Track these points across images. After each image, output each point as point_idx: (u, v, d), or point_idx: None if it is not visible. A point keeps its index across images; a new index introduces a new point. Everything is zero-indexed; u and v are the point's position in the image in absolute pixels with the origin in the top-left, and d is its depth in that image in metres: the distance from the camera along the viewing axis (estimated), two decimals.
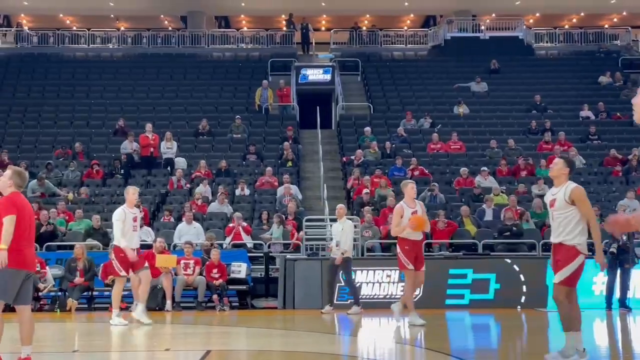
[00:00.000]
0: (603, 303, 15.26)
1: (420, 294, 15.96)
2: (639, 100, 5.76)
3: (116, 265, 12.78)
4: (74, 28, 37.18)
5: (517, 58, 31.81)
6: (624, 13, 38.41)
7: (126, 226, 12.62)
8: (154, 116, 26.01)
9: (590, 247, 8.29)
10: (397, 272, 16.14)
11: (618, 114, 26.51)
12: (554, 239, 8.14)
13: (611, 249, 15.42)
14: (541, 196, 20.38)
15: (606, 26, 37.72)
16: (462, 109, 26.97)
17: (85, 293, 16.20)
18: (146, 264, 13.10)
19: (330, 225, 16.86)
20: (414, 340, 11.52)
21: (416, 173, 22.16)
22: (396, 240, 18.14)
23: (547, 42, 35.29)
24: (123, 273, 12.75)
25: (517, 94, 28.51)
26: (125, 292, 16.19)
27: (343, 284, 15.49)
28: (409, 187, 12.46)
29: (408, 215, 12.14)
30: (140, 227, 14.05)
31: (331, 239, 15.60)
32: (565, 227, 8.02)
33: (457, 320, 14.38)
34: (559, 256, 8.02)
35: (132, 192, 13.09)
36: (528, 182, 21.56)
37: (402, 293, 16.08)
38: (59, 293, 16.15)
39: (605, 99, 27.36)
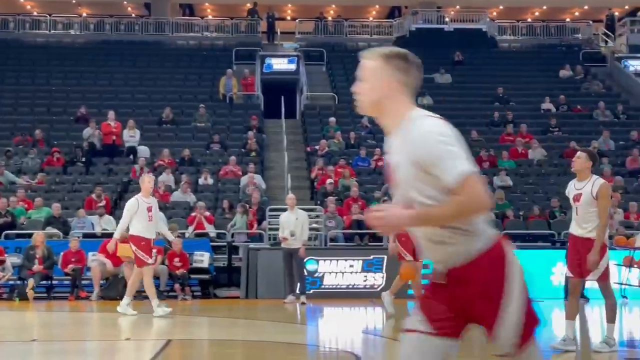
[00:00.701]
0: (561, 293, 15.42)
1: (384, 284, 16.05)
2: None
3: (140, 255, 12.16)
4: (35, 13, 36.67)
5: (481, 50, 31.99)
6: (586, 7, 38.77)
7: (141, 216, 12.13)
8: (116, 104, 25.75)
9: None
10: (361, 262, 16.22)
11: (578, 107, 26.79)
12: (579, 233, 8.23)
13: None
14: (503, 187, 20.59)
15: (568, 20, 38.07)
16: (426, 100, 27.02)
17: (44, 282, 16.04)
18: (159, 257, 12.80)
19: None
20: (376, 330, 11.59)
21: (380, 164, 22.21)
22: (359, 231, 18.28)
23: (510, 34, 35.50)
24: (150, 260, 12.31)
25: (480, 86, 28.69)
26: (86, 281, 16.11)
27: (306, 273, 15.51)
28: None
29: None
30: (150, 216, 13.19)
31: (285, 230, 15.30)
32: (593, 222, 8.12)
33: None
34: (587, 252, 8.09)
35: (147, 181, 12.57)
36: (490, 174, 21.71)
37: (368, 282, 16.17)
38: (18, 282, 15.97)
39: (566, 92, 27.64)
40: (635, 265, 16.04)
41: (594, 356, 7.24)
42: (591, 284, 15.62)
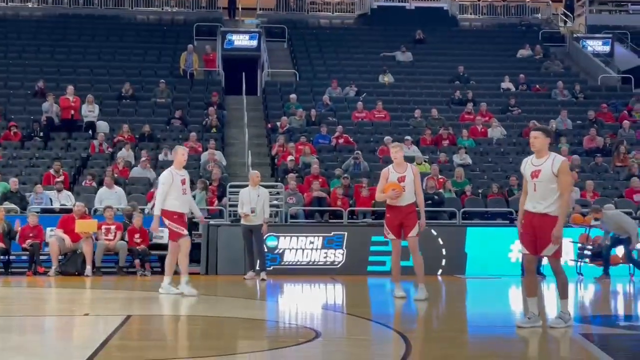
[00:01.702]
0: (519, 271, 15.63)
1: (344, 260, 16.14)
2: None
3: (175, 228, 11.65)
4: None
5: (442, 29, 32.09)
6: None
7: (174, 189, 11.61)
8: (75, 78, 25.43)
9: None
10: (321, 238, 16.29)
11: (537, 86, 27.05)
12: (536, 209, 8.21)
13: None
14: (462, 165, 20.76)
15: (528, 0, 38.32)
16: (387, 78, 27.14)
17: (2, 257, 15.88)
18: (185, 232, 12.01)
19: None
20: (335, 306, 11.66)
21: (341, 141, 22.27)
22: (320, 208, 18.32)
23: (471, 13, 35.67)
24: (185, 231, 11.77)
25: (441, 65, 28.80)
26: (44, 257, 15.97)
27: (266, 250, 15.53)
28: (392, 151, 11.49)
29: (393, 179, 11.20)
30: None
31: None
32: (550, 198, 8.14)
33: (379, 286, 14.58)
34: (542, 228, 8.15)
35: (181, 153, 12.01)
36: (449, 152, 21.88)
37: (328, 258, 16.25)
38: None
39: (525, 71, 27.87)
40: (591, 243, 16.33)
41: (551, 332, 7.34)
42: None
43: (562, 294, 8.34)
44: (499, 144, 23.03)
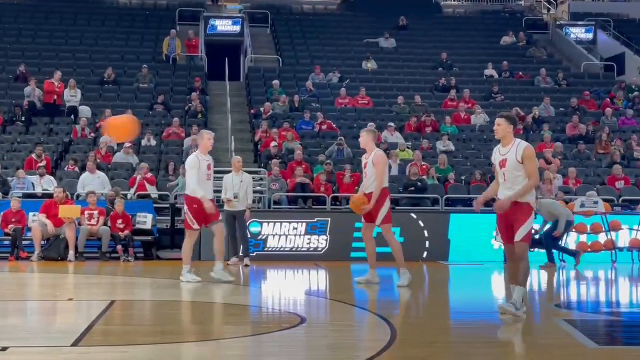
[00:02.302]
0: (501, 257, 15.71)
1: (328, 246, 16.17)
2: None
3: (189, 218, 11.41)
4: None
5: (425, 15, 32.08)
6: None
7: (200, 174, 11.30)
8: (57, 63, 25.25)
9: None
10: (304, 224, 16.31)
11: (520, 73, 27.13)
12: (505, 197, 8.13)
13: None
14: (445, 152, 20.81)
15: None
16: (370, 65, 27.12)
17: None
18: (220, 217, 11.85)
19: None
20: (319, 292, 11.69)
21: (324, 127, 22.27)
22: (303, 194, 18.33)
23: (454, 0, 35.68)
24: (196, 226, 11.45)
25: (424, 51, 28.82)
26: (26, 242, 15.90)
27: (250, 236, 15.53)
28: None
29: (363, 164, 11.48)
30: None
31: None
32: (519, 186, 8.06)
33: (362, 272, 14.58)
34: (514, 214, 8.08)
35: (207, 137, 11.63)
36: (432, 138, 21.93)
37: (311, 244, 16.27)
38: None
39: (508, 58, 27.93)
40: (574, 230, 16.44)
41: (534, 317, 7.32)
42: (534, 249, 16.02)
43: (520, 281, 8.15)
44: (481, 131, 23.10)
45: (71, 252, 15.27)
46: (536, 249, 15.79)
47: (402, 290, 10.93)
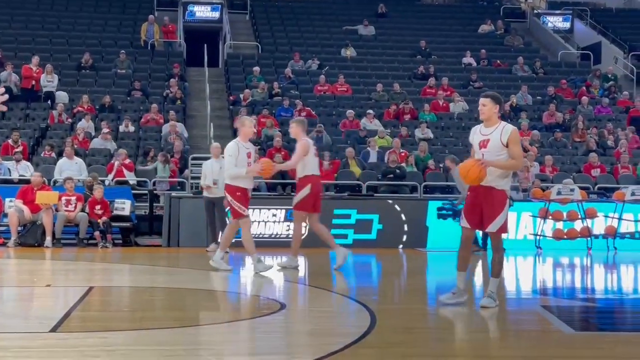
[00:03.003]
0: (480, 243, 15.79)
1: (307, 233, 16.16)
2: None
3: (236, 206, 10.86)
4: None
5: (404, 3, 32.11)
6: None
7: (239, 163, 10.84)
8: (33, 47, 25.03)
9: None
10: (284, 211, 16.31)
11: (498, 62, 27.23)
12: (483, 181, 7.71)
13: None
14: (424, 139, 20.88)
15: None
16: (349, 52, 27.12)
17: None
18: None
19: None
20: (298, 278, 11.70)
21: (303, 114, 22.23)
22: (282, 181, 18.32)
23: None
24: (246, 212, 10.98)
25: (403, 39, 28.84)
26: (2, 228, 15.79)
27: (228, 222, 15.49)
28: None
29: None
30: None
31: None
32: (498, 170, 7.68)
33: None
34: (489, 201, 7.73)
35: (248, 124, 11.18)
36: (411, 126, 21.98)
37: (291, 231, 16.27)
38: None
39: (486, 47, 28.04)
40: (550, 217, 16.56)
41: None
42: (507, 235, 16.10)
43: (496, 272, 7.87)
44: (460, 119, 23.19)
45: (48, 239, 15.18)
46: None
47: (381, 276, 10.96)
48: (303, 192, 11.41)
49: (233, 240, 15.36)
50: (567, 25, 32.33)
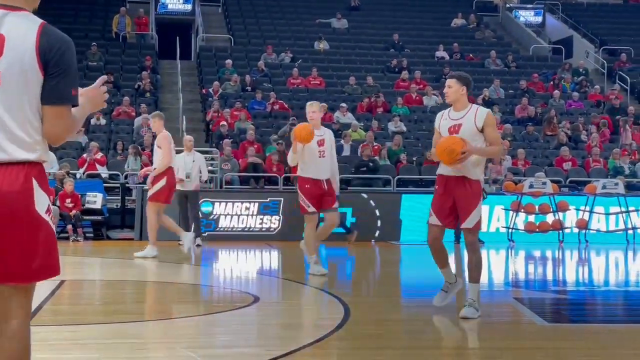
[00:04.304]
0: (452, 237, 15.85)
1: (280, 227, 16.14)
2: None
3: (302, 201, 9.73)
4: None
5: None
6: None
7: (308, 152, 9.64)
8: None
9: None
10: (257, 204, 16.27)
11: (471, 55, 27.33)
12: (453, 171, 6.84)
13: None
14: (397, 133, 20.91)
15: None
16: (322, 45, 27.07)
17: None
18: (336, 204, 9.91)
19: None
20: (271, 271, 11.69)
21: (276, 107, 22.20)
22: (255, 174, 18.26)
23: None
24: (311, 209, 9.67)
25: (376, 32, 28.84)
26: None
27: (201, 216, 15.44)
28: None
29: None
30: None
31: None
32: (471, 158, 6.75)
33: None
34: (463, 194, 6.84)
35: (310, 110, 9.88)
36: (384, 119, 22.00)
37: (264, 225, 16.23)
38: None
39: (459, 40, 28.12)
40: (522, 210, 16.67)
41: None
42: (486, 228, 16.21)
43: (474, 276, 6.93)
44: (433, 112, 23.21)
45: None
46: None
47: (354, 269, 10.96)
48: (159, 185, 11.96)
49: (205, 234, 15.34)
50: (539, 19, 32.52)
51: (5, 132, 3.09)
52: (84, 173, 17.58)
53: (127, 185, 17.35)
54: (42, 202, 3.14)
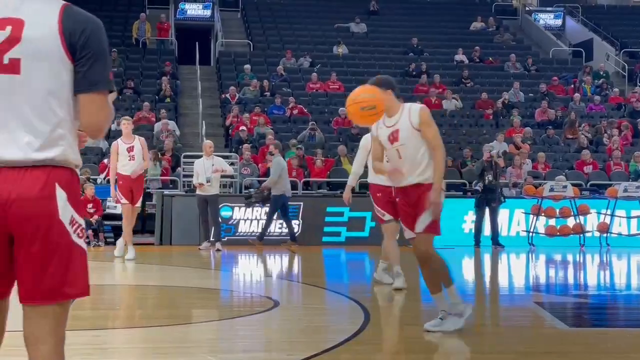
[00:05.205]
0: (472, 241, 15.81)
1: (299, 231, 16.15)
2: None
3: (376, 210, 9.27)
4: None
5: (395, 0, 32.07)
6: None
7: (360, 153, 9.21)
8: None
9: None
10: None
11: (490, 59, 27.25)
12: (407, 181, 6.27)
13: (476, 187, 16.07)
14: None
15: None
16: (341, 49, 27.09)
17: None
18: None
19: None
20: (290, 275, 11.70)
21: (295, 112, 22.23)
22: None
23: None
24: (387, 217, 9.02)
25: (394, 36, 28.83)
26: None
27: (221, 220, 15.48)
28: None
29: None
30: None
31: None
32: (419, 162, 6.22)
33: (333, 256, 14.65)
34: (418, 198, 6.25)
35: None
36: None
37: (283, 229, 16.24)
38: None
39: (478, 44, 28.02)
40: (543, 214, 16.58)
41: (504, 299, 7.26)
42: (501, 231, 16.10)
43: (446, 281, 6.40)
44: (452, 116, 23.19)
45: None
46: None
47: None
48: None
49: (225, 239, 15.37)
50: (559, 22, 32.37)
51: (25, 125, 2.79)
52: (104, 178, 17.65)
53: (147, 190, 17.40)
54: (66, 214, 2.83)
